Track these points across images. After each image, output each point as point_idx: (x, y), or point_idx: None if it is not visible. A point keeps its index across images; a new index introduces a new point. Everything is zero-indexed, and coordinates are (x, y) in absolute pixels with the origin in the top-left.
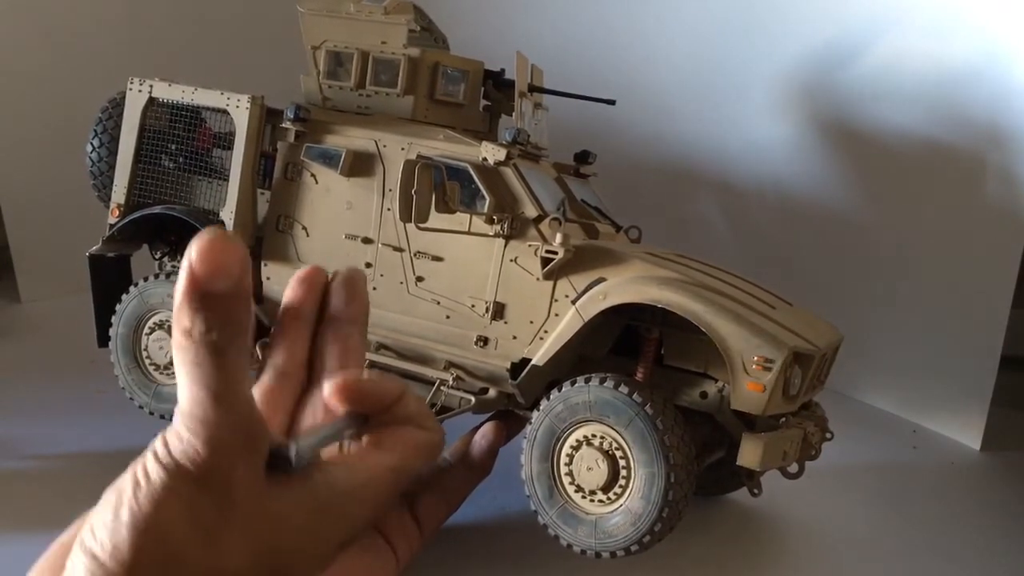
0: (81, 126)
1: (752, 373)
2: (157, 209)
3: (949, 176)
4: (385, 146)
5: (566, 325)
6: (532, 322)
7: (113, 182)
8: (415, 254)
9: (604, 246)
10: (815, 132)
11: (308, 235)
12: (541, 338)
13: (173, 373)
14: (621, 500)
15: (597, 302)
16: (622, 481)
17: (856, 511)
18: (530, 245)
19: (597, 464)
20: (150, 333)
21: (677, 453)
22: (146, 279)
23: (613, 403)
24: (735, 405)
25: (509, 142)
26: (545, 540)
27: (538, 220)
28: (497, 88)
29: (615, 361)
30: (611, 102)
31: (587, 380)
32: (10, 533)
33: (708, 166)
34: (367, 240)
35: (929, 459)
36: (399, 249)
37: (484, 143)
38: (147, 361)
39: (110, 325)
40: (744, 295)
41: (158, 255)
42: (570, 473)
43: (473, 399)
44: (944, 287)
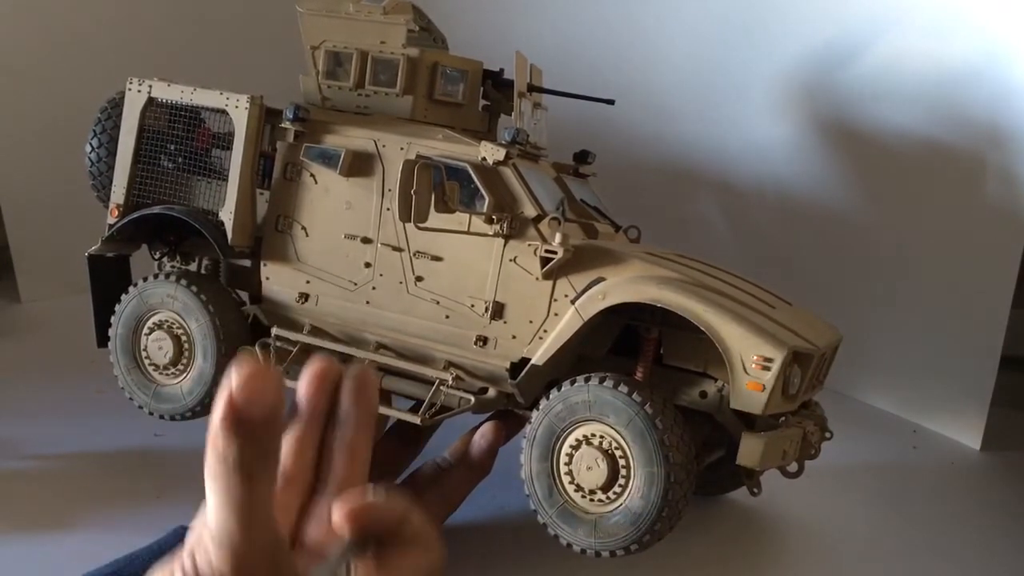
0: (81, 126)
1: (751, 372)
2: (156, 209)
3: (949, 176)
4: (384, 146)
5: (565, 325)
6: (531, 322)
7: (112, 182)
8: (414, 254)
9: (603, 246)
10: (815, 132)
11: (307, 235)
12: (540, 338)
13: (172, 373)
14: (621, 499)
15: (596, 301)
16: (622, 480)
17: (856, 511)
18: (529, 245)
19: (597, 463)
20: (149, 333)
21: (677, 452)
22: (145, 279)
23: (613, 402)
24: (734, 404)
25: (508, 142)
26: (545, 539)
27: (537, 220)
28: (496, 88)
29: (614, 361)
30: (611, 102)
31: (586, 379)
32: (10, 533)
33: (708, 166)
34: (366, 240)
35: (929, 459)
36: (398, 249)
37: (483, 143)
38: (146, 361)
39: (109, 325)
40: (744, 295)
41: (157, 255)
42: (570, 472)
43: (473, 399)
44: (944, 287)
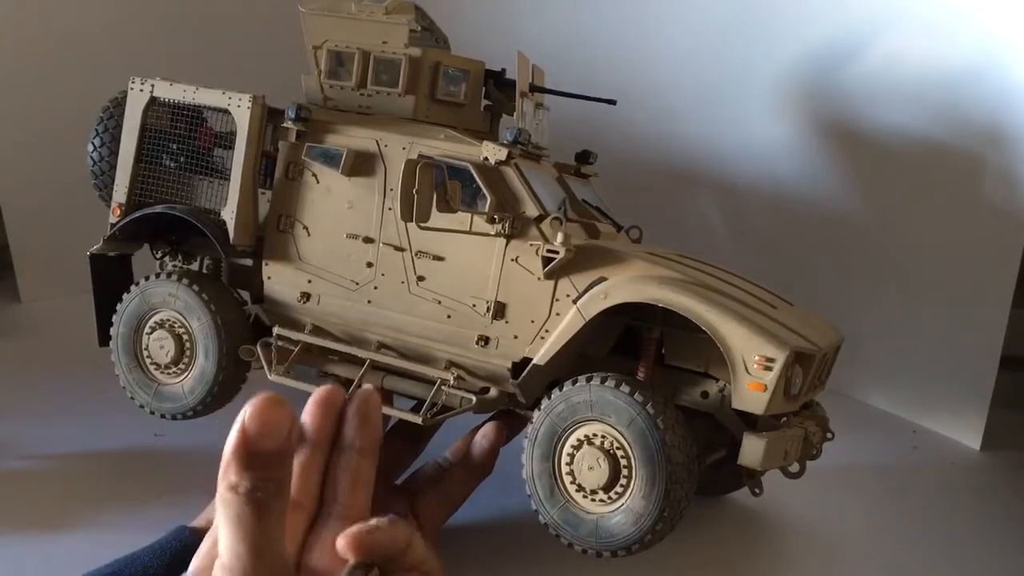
0: (82, 126)
1: (753, 372)
2: (158, 208)
3: (949, 176)
4: (386, 146)
5: (567, 324)
6: (533, 321)
7: (114, 182)
8: (416, 253)
9: (605, 246)
10: (815, 132)
11: (309, 235)
12: (542, 337)
13: (174, 372)
14: (622, 499)
15: (598, 301)
16: (623, 480)
17: (856, 511)
18: (531, 244)
19: (598, 463)
20: (151, 332)
21: (678, 452)
22: (147, 278)
23: (614, 402)
24: (736, 404)
25: (510, 142)
26: (546, 539)
27: (539, 220)
28: (498, 88)
29: (616, 361)
30: (612, 102)
31: (588, 379)
32: (10, 533)
33: (708, 166)
34: (368, 239)
35: (929, 459)
36: (400, 248)
37: (485, 143)
38: (148, 360)
39: (111, 324)
40: (745, 294)
41: (159, 254)
42: (571, 472)
43: (474, 399)
44: (944, 287)
